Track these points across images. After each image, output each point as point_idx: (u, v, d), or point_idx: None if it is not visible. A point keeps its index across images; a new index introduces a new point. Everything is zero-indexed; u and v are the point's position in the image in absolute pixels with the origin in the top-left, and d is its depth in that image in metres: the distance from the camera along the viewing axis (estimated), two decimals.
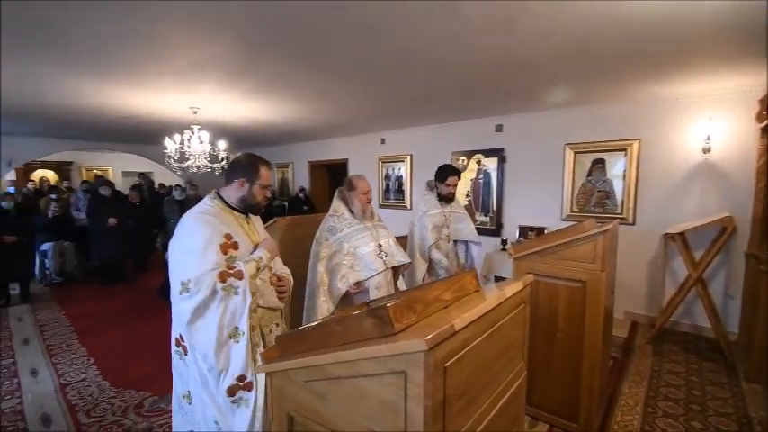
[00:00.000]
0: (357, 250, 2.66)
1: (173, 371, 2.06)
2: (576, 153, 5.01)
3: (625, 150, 4.63)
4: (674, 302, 4.13)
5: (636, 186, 4.60)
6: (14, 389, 3.33)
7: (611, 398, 3.09)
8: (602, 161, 4.82)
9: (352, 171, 7.99)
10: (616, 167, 4.72)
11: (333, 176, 9.47)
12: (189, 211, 1.93)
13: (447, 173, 3.46)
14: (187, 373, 1.92)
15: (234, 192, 2.00)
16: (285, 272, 2.27)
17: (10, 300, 5.65)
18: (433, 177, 3.61)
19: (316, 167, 9.19)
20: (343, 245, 2.65)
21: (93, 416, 2.92)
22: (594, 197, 4.91)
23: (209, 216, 1.88)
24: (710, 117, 4.05)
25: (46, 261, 6.64)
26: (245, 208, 2.03)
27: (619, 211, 4.72)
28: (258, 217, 2.21)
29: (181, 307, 1.78)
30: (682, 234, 4.01)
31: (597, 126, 4.82)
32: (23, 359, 3.89)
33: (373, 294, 2.60)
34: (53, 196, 6.99)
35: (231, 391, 1.77)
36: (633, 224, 4.64)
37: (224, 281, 1.73)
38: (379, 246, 2.70)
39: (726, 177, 4.09)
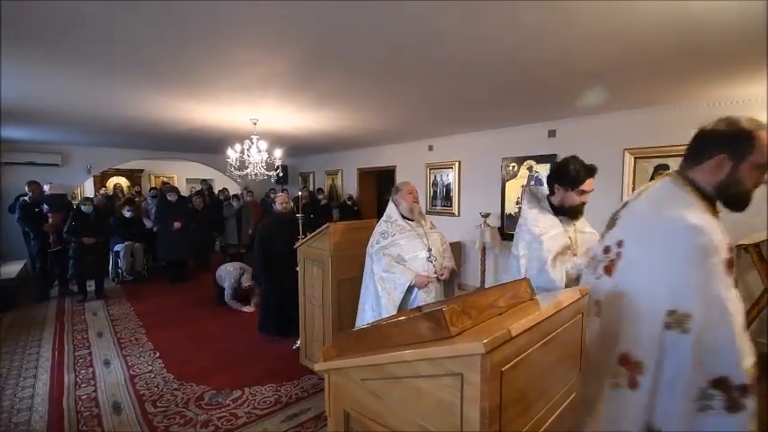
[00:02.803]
0: (406, 256, 2.70)
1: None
2: (636, 158, 4.75)
3: None
4: (749, 319, 3.79)
5: None
6: (90, 377, 3.62)
7: None
8: (666, 167, 4.54)
9: (400, 178, 8.06)
10: None
11: (381, 183, 9.60)
12: (679, 208, 1.32)
13: (581, 173, 2.18)
14: None
15: (708, 174, 1.39)
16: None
17: (87, 296, 6.14)
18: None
19: (364, 174, 9.36)
20: (393, 249, 2.70)
21: (159, 406, 3.13)
22: None
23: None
24: None
25: (119, 261, 7.21)
26: (730, 199, 1.41)
27: None
28: None
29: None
30: (757, 245, 3.68)
31: (660, 129, 4.55)
32: (98, 350, 4.23)
33: (422, 299, 2.63)
34: (128, 208, 7.63)
35: None
36: None
37: None
38: (429, 250, 2.73)
39: None
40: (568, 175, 2.18)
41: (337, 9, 2.22)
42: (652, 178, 4.63)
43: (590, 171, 2.20)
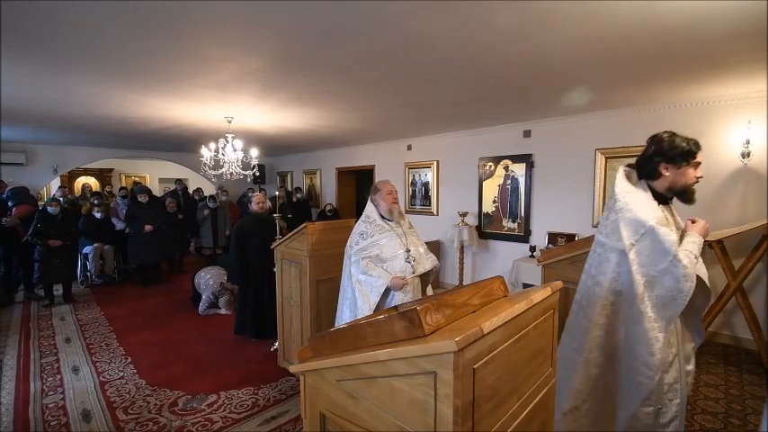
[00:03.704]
0: (386, 256, 2.70)
1: None
2: (607, 158, 4.89)
3: None
4: (713, 313, 3.96)
5: None
6: (57, 385, 3.49)
7: None
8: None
9: (379, 177, 8.06)
10: None
11: (360, 182, 9.58)
12: None
13: (691, 142, 1.88)
14: None
15: None
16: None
17: (54, 300, 5.90)
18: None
19: (343, 173, 9.32)
20: (373, 250, 2.70)
21: (131, 413, 3.04)
22: None
23: None
24: (750, 120, 3.89)
25: (87, 263, 6.96)
26: None
27: None
28: None
29: None
30: (720, 242, 3.85)
31: (629, 130, 4.70)
32: (66, 357, 4.08)
33: (399, 298, 2.64)
34: (95, 201, 7.36)
35: None
36: None
37: None
38: (408, 251, 2.74)
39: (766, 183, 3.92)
40: (679, 149, 1.86)
41: (310, 10, 2.20)
42: None
43: (697, 142, 1.90)
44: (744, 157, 3.94)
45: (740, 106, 3.99)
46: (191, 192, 9.55)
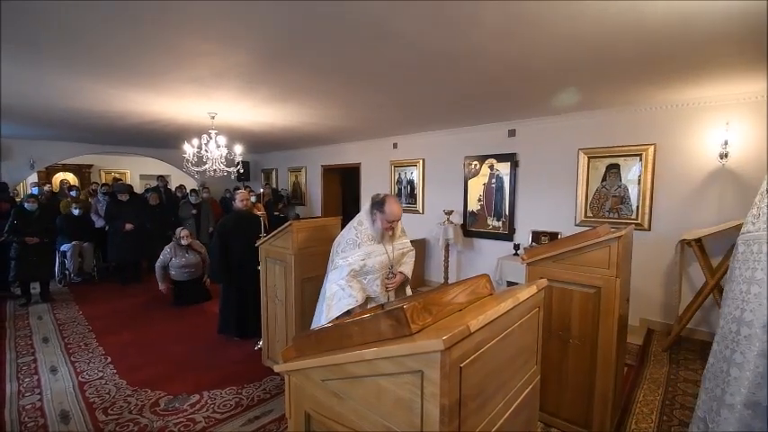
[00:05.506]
0: (369, 269, 2.65)
1: None
2: (589, 158, 4.97)
3: (640, 155, 4.58)
4: (691, 310, 4.06)
5: (651, 192, 4.55)
6: (34, 386, 3.40)
7: (625, 405, 3.05)
8: (616, 166, 4.78)
9: (365, 175, 8.04)
10: (631, 172, 4.68)
11: (345, 180, 9.53)
12: None
13: None
14: None
15: None
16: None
17: (31, 299, 5.77)
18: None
19: (328, 171, 9.26)
20: (358, 260, 2.63)
21: (111, 414, 2.98)
22: (609, 202, 4.87)
23: None
24: (728, 122, 4.00)
25: (66, 261, 6.79)
26: None
27: (634, 217, 4.67)
28: None
29: None
30: (699, 240, 3.94)
31: (611, 131, 4.79)
32: (43, 357, 3.98)
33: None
34: (73, 193, 7.16)
35: None
36: (649, 230, 4.58)
37: None
38: (391, 267, 2.71)
39: (744, 183, 4.02)
40: None
41: (293, 7, 2.17)
42: (604, 178, 4.87)
43: None
44: (721, 158, 4.04)
45: (718, 108, 4.09)
46: (173, 189, 9.38)
